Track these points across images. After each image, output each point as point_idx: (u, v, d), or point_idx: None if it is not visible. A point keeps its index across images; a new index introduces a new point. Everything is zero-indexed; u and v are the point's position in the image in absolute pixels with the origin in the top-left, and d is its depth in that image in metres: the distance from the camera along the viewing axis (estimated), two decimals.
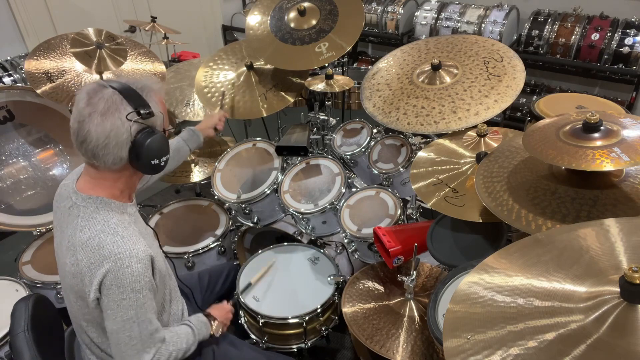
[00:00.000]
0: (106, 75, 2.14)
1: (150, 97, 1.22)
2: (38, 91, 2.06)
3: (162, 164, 1.25)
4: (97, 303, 1.17)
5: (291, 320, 1.69)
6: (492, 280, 0.94)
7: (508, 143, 1.57)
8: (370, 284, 1.77)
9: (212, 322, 1.46)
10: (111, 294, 1.14)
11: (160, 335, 1.25)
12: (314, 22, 2.25)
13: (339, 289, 1.79)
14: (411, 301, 1.64)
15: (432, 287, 1.73)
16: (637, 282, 0.75)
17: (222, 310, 1.55)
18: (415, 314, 1.61)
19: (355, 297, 1.70)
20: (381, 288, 1.74)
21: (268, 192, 2.02)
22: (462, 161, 1.71)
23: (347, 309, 1.65)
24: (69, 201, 1.23)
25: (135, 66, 2.33)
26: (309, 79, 2.22)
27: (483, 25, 3.59)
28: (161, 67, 2.37)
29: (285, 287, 1.83)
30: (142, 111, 1.17)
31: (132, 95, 1.18)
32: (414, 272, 1.57)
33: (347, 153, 2.23)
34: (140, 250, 1.17)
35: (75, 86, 2.14)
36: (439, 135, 1.90)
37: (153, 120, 1.21)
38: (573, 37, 3.31)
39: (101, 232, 1.17)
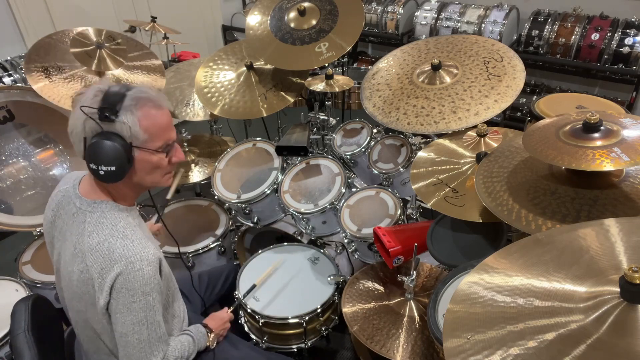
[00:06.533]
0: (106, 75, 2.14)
1: (130, 108, 1.14)
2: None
3: (101, 172, 1.15)
4: (107, 309, 1.16)
5: (291, 320, 1.69)
6: (492, 280, 0.93)
7: (508, 143, 1.57)
8: (370, 284, 1.76)
9: (209, 334, 1.46)
10: (121, 297, 1.14)
11: (167, 340, 1.26)
12: (314, 22, 2.25)
13: (339, 289, 1.79)
14: (411, 301, 1.64)
15: (432, 287, 1.73)
16: (637, 282, 0.75)
17: (219, 320, 1.54)
18: (415, 314, 1.61)
19: (355, 297, 1.70)
20: (381, 288, 1.74)
21: (268, 192, 2.02)
22: (462, 161, 1.71)
23: (347, 309, 1.65)
24: (73, 207, 1.23)
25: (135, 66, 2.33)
26: (309, 79, 2.22)
27: (483, 25, 3.58)
28: (161, 67, 2.37)
29: (285, 287, 1.83)
30: (103, 112, 1.12)
31: (111, 98, 1.14)
32: (414, 272, 1.57)
33: (347, 153, 2.23)
34: (150, 253, 1.17)
35: None
36: (439, 135, 1.90)
37: (114, 127, 1.14)
38: (573, 37, 3.31)
39: (110, 236, 1.16)
